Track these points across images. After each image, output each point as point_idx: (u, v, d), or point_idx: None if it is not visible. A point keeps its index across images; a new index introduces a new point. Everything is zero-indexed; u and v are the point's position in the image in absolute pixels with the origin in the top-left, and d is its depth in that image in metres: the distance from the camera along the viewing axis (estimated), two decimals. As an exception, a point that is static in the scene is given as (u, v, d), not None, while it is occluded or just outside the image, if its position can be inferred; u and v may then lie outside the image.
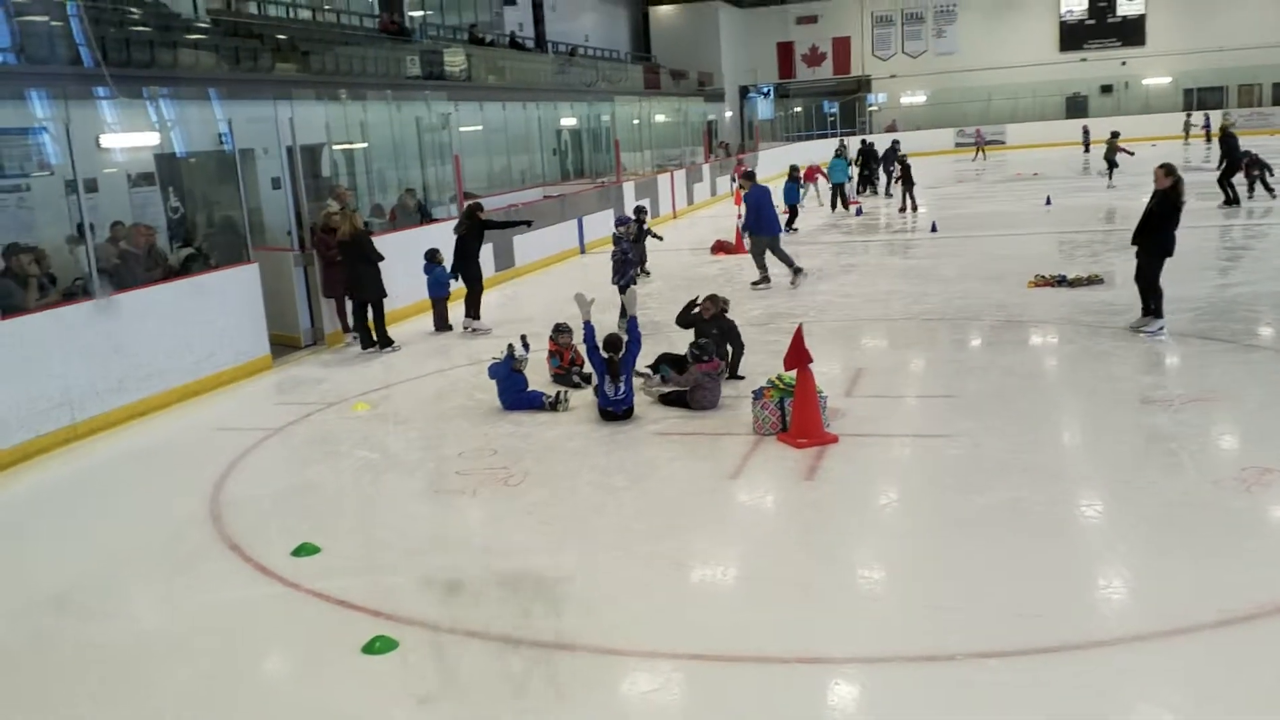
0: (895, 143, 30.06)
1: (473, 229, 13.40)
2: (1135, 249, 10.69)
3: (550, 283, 16.98)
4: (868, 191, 28.66)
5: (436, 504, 7.31)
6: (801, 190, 23.82)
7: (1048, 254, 16.33)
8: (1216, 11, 45.91)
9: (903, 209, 24.05)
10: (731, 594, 5.76)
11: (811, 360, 7.86)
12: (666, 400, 9.15)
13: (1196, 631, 4.89)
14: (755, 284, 14.92)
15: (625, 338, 8.99)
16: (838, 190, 25.12)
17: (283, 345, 12.21)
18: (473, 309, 13.22)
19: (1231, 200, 20.51)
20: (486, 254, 16.52)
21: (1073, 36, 48.96)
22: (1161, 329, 10.51)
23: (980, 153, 41.02)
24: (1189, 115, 42.18)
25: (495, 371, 9.47)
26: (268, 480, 8.11)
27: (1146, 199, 10.83)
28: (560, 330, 10.27)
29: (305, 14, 23.71)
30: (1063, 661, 4.76)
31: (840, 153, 26.27)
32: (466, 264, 13.27)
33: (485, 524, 6.96)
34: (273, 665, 5.40)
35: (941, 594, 5.45)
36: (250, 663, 5.34)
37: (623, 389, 8.81)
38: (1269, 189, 21.03)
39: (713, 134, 42.66)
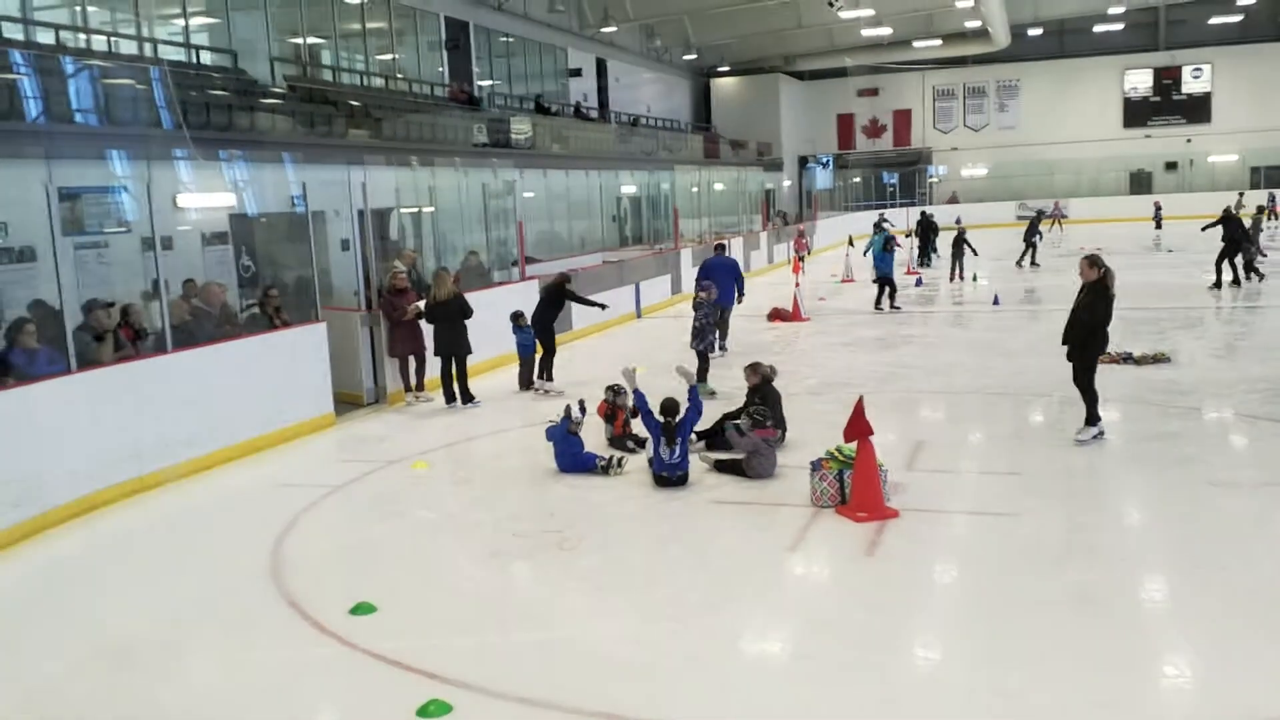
0: (1039, 212, 29.77)
1: (553, 295, 13.82)
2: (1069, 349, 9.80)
3: (607, 347, 17.07)
4: (927, 264, 28.51)
5: (493, 566, 7.31)
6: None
7: (1112, 331, 16.05)
8: (1286, 89, 45.52)
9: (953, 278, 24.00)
10: (789, 671, 5.66)
11: (872, 432, 7.79)
12: (722, 468, 9.12)
13: (1273, 727, 4.74)
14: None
15: (685, 404, 9.01)
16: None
17: (346, 403, 12.39)
18: (545, 370, 13.44)
19: (1222, 282, 20.13)
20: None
21: (1137, 113, 48.73)
22: (1095, 436, 9.61)
23: (1057, 225, 40.64)
24: (1240, 195, 41.47)
25: (552, 434, 9.51)
26: (327, 537, 8.17)
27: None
28: (616, 392, 10.30)
29: (378, 82, 24.42)
30: (1132, 753, 4.63)
31: (879, 226, 25.74)
32: (543, 327, 13.56)
33: (540, 588, 6.95)
34: (327, 725, 5.40)
35: (1006, 679, 5.32)
36: (305, 722, 5.36)
37: (678, 453, 8.80)
38: (1237, 275, 20.37)
39: (771, 203, 42.93)
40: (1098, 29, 45.98)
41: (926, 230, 29.09)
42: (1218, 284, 20.19)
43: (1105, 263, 9.47)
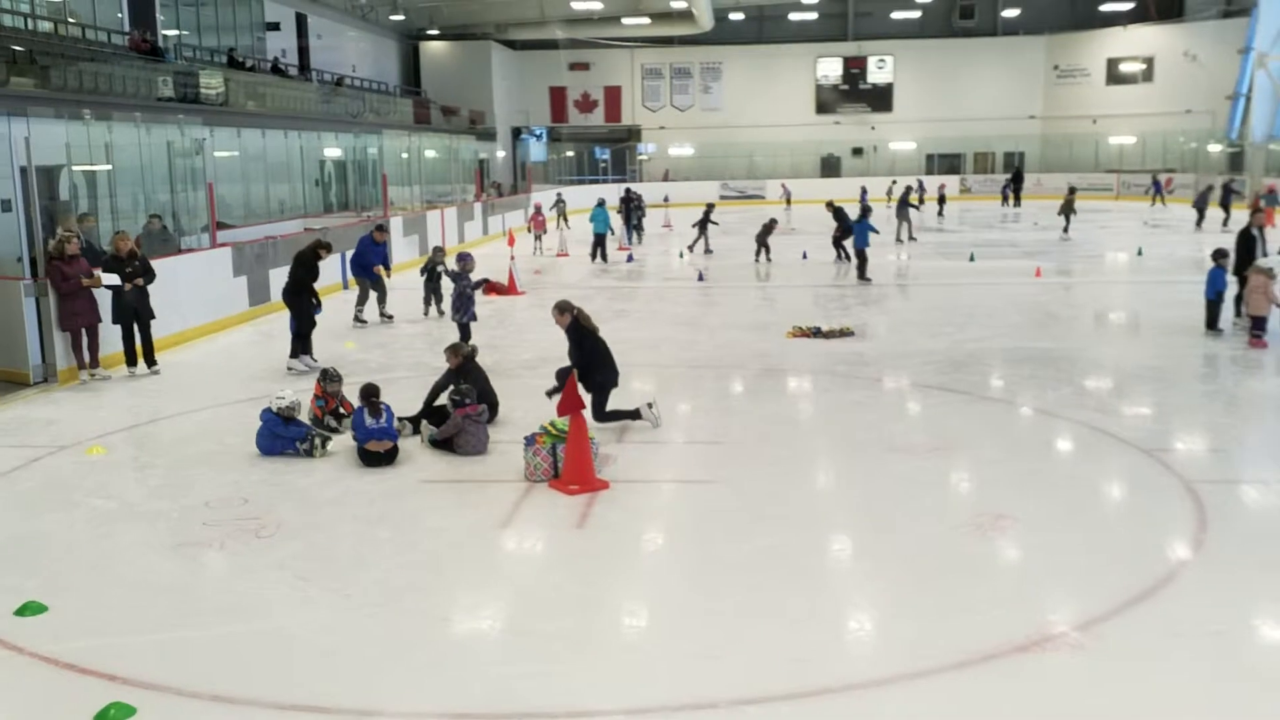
0: (909, 189, 31.09)
1: (307, 262, 12.75)
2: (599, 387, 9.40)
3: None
4: (636, 239, 29.15)
5: (179, 558, 6.80)
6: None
7: (804, 306, 17.14)
8: (956, 84, 50.02)
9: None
10: (498, 648, 5.62)
11: (584, 406, 7.88)
12: (436, 444, 8.94)
13: (941, 673, 5.15)
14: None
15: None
16: (599, 240, 24.63)
17: (8, 382, 11.17)
18: (301, 347, 12.57)
19: (843, 258, 22.65)
20: (239, 288, 15.83)
21: (827, 100, 52.09)
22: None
23: (787, 204, 42.43)
24: (894, 182, 44.29)
25: (266, 414, 8.94)
26: (-15, 533, 7.33)
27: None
28: (330, 378, 9.82)
29: (46, 26, 22.05)
30: (819, 706, 4.91)
31: (601, 202, 26.26)
32: (295, 298, 12.63)
33: (234, 579, 6.53)
34: (-14, 743, 4.85)
35: (706, 641, 5.52)
36: (-43, 742, 4.79)
37: (384, 419, 8.59)
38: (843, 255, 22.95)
39: (485, 173, 42.58)
40: (793, 17, 48.77)
41: (629, 207, 29.64)
42: (848, 257, 22.52)
43: (573, 305, 9.50)
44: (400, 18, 42.84)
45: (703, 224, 26.05)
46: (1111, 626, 5.57)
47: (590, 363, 9.30)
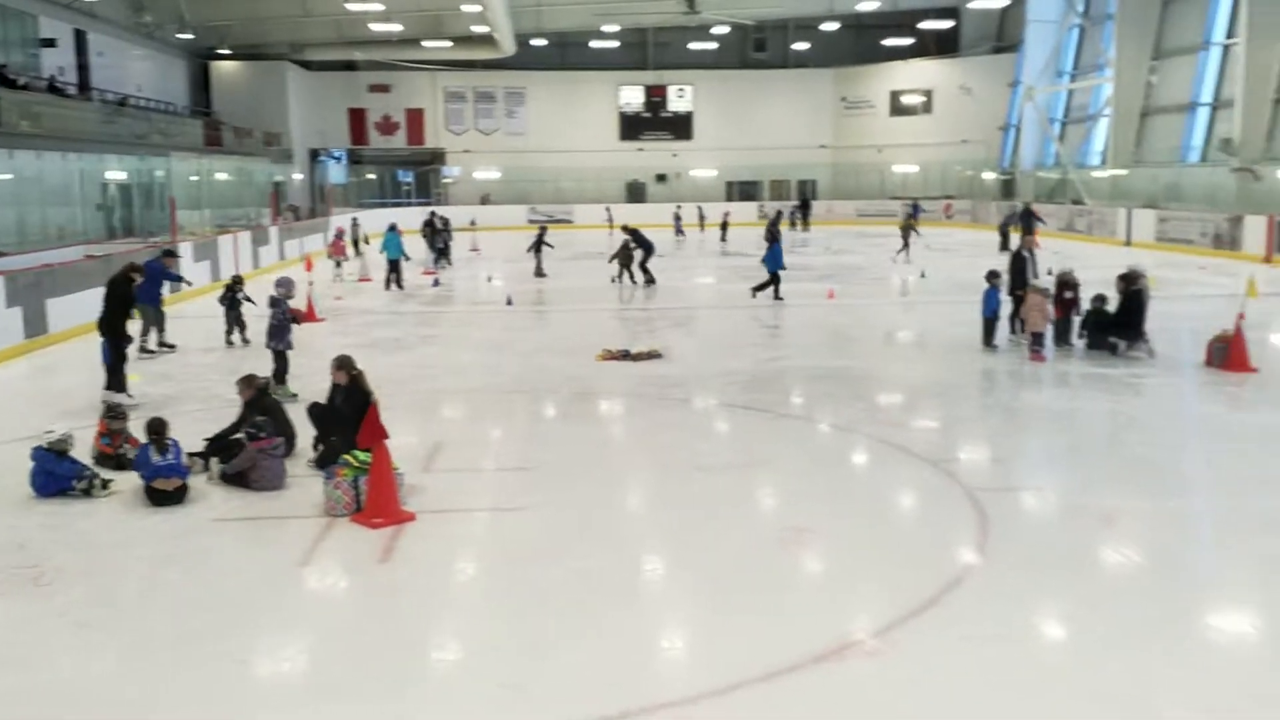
0: (779, 214, 30.87)
1: (120, 290, 11.92)
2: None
3: (90, 351, 15.31)
4: (442, 263, 28.75)
5: (-57, 614, 6.25)
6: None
7: (613, 329, 17.31)
8: (753, 113, 51.67)
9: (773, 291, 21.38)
10: (300, 691, 5.41)
11: (387, 436, 7.68)
12: (228, 479, 8.53)
13: (748, 686, 5.26)
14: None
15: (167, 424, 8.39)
16: (394, 267, 23.73)
17: None
18: (114, 380, 11.70)
19: (650, 281, 23.13)
20: (13, 319, 14.79)
21: (631, 127, 52.92)
22: None
23: (610, 228, 42.15)
24: (679, 208, 42.23)
25: (38, 454, 8.32)
26: None
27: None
28: (114, 415, 9.25)
29: None
30: (633, 728, 4.93)
31: (393, 227, 25.21)
32: (111, 329, 11.78)
33: (9, 631, 6.04)
34: None
35: (516, 670, 5.47)
36: None
37: (171, 455, 8.18)
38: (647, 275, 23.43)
39: (281, 196, 41.15)
40: (594, 45, 49.31)
41: (433, 231, 29.14)
42: (650, 281, 23.02)
43: (354, 365, 9.13)
44: (189, 36, 40.98)
45: (537, 246, 25.85)
46: (905, 632, 5.83)
47: (351, 423, 8.41)
